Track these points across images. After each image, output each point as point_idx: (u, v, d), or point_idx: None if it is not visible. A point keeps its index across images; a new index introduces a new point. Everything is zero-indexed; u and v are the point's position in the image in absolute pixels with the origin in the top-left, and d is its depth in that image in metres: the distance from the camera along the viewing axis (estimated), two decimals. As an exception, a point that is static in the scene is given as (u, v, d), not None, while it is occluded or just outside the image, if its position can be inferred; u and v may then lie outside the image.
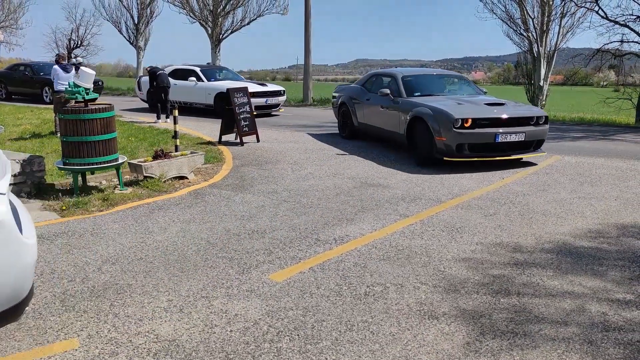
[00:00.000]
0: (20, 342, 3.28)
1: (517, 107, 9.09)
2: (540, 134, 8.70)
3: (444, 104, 8.87)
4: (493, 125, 8.34)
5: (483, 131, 8.25)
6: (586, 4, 17.35)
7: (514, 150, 8.58)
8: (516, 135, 8.37)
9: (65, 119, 6.52)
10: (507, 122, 8.43)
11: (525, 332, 3.41)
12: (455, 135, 8.17)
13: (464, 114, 8.32)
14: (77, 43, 39.17)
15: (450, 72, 12.35)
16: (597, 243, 5.12)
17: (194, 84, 17.20)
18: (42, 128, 12.79)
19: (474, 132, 8.21)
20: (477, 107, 8.80)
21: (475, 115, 8.36)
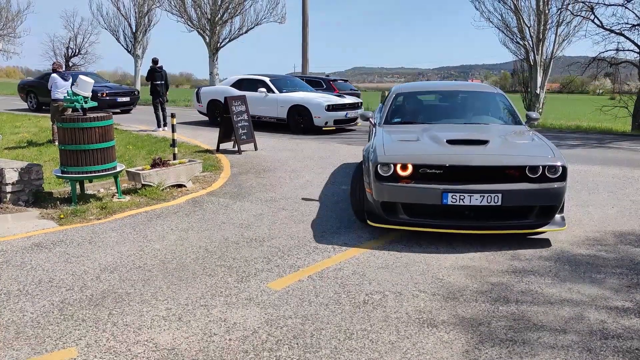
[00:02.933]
0: (18, 351, 3.27)
1: (507, 147, 5.56)
2: (545, 195, 5.07)
3: (392, 137, 6.00)
4: (446, 178, 5.20)
5: (425, 186, 5.15)
6: (582, 13, 17.47)
7: (490, 219, 5.21)
8: (483, 197, 4.98)
9: (63, 127, 6.52)
10: (474, 174, 5.16)
11: (524, 340, 3.41)
12: (379, 188, 5.26)
13: (398, 153, 5.40)
14: (75, 51, 39.27)
15: (475, 86, 8.42)
16: (595, 251, 5.13)
17: (264, 96, 15.17)
18: (39, 136, 12.79)
19: (410, 185, 5.20)
20: (431, 143, 5.60)
21: (420, 157, 5.31)
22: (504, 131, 6.16)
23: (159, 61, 14.89)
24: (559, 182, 5.12)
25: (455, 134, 5.84)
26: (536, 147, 5.56)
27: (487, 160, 5.18)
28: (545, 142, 5.66)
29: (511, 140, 5.77)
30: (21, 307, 3.88)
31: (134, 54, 33.55)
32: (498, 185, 5.07)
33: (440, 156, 5.29)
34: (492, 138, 5.63)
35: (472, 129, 6.30)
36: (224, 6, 26.71)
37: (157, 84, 14.55)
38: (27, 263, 4.77)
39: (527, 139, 5.92)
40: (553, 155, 5.24)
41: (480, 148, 5.40)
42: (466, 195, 5.02)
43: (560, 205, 5.20)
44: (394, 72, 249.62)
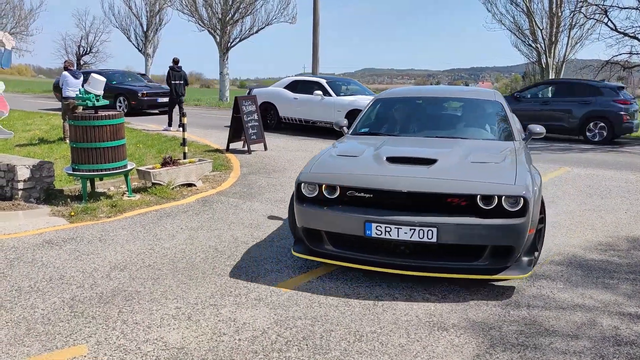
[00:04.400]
0: (29, 348, 3.28)
1: (459, 169, 4.31)
2: (498, 233, 3.95)
3: (335, 151, 5.04)
4: (376, 204, 4.24)
5: (347, 213, 4.20)
6: (595, 16, 17.34)
7: (429, 259, 4.12)
8: (413, 231, 3.99)
9: (75, 125, 6.55)
10: (408, 201, 4.15)
11: (535, 345, 3.38)
12: (301, 212, 4.40)
13: (324, 171, 4.49)
14: (87, 50, 39.55)
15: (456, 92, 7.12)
16: (607, 256, 5.08)
17: (320, 99, 14.19)
18: (51, 134, 12.86)
19: (333, 211, 4.26)
20: (369, 161, 4.59)
21: (344, 177, 4.36)
22: (476, 148, 4.90)
23: (179, 61, 14.80)
24: (517, 218, 3.91)
25: (406, 150, 4.87)
26: (499, 171, 4.26)
27: (420, 185, 4.07)
28: (516, 166, 4.34)
29: (472, 161, 4.46)
30: (32, 303, 3.90)
31: (144, 52, 33.72)
32: (433, 217, 3.99)
33: (366, 177, 4.27)
34: (446, 157, 4.52)
35: (436, 144, 5.15)
36: (235, 6, 26.79)
37: (175, 84, 14.49)
38: (38, 260, 4.79)
39: (498, 159, 4.53)
40: (514, 182, 4.02)
41: (422, 169, 4.27)
42: (392, 227, 4.01)
43: (520, 245, 3.97)
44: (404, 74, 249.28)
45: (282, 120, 14.96)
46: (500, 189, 4.00)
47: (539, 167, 9.71)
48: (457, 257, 4.10)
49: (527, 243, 4.10)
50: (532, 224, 4.05)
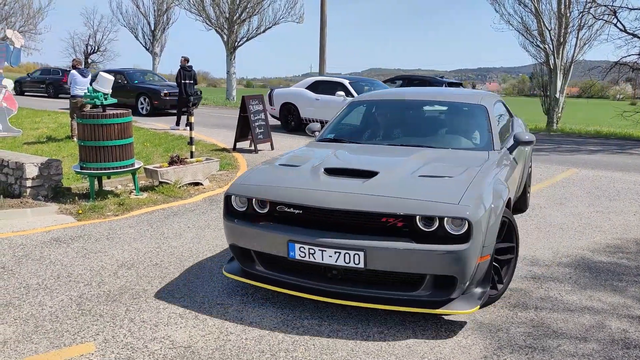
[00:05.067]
0: (37, 345, 3.29)
1: (402, 184, 3.74)
2: (437, 260, 3.39)
3: (281, 160, 4.63)
4: (305, 222, 3.74)
5: (271, 231, 3.76)
6: (604, 17, 17.24)
7: (362, 286, 3.62)
8: (339, 254, 3.49)
9: (83, 123, 6.58)
10: (337, 220, 3.65)
11: (543, 347, 3.36)
12: (229, 227, 4.01)
13: (254, 183, 4.04)
14: (94, 48, 39.71)
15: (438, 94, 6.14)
16: (616, 258, 5.05)
17: (342, 100, 13.54)
18: (58, 132, 12.92)
19: (258, 229, 3.83)
20: (306, 172, 4.07)
21: (271, 191, 3.88)
22: (437, 159, 4.33)
23: (189, 60, 14.76)
24: (459, 244, 3.33)
25: (351, 160, 4.45)
26: (446, 187, 3.65)
27: (349, 202, 3.54)
28: (471, 181, 3.72)
29: (420, 175, 3.86)
30: (40, 301, 3.91)
31: (152, 51, 33.82)
32: (360, 239, 3.46)
33: (293, 191, 3.77)
34: (390, 169, 3.97)
35: (393, 153, 4.64)
36: (243, 5, 26.82)
37: (185, 83, 14.46)
38: (46, 257, 4.81)
39: (456, 172, 3.92)
40: (458, 201, 3.41)
41: (356, 184, 3.73)
42: (316, 249, 3.51)
43: (463, 276, 3.37)
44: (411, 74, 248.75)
45: (303, 121, 14.68)
46: (440, 208, 3.40)
47: (547, 169, 9.70)
48: (393, 285, 3.56)
49: (477, 273, 3.49)
50: (486, 250, 3.48)
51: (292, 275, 3.80)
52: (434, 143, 4.88)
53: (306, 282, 3.72)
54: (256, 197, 3.89)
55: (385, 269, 3.48)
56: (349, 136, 5.35)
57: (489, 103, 5.32)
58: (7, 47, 10.78)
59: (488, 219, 3.51)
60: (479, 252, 3.43)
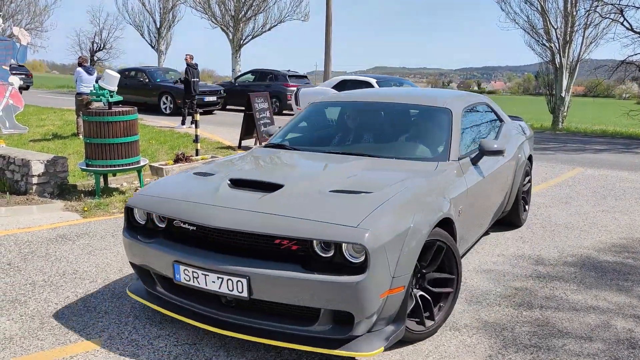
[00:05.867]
0: (43, 341, 3.30)
1: (308, 200, 3.22)
2: (330, 292, 2.84)
3: (200, 169, 4.13)
4: (194, 238, 3.31)
5: (159, 249, 3.31)
6: (611, 15, 17.18)
7: (250, 315, 3.14)
8: (221, 280, 3.03)
9: (88, 120, 6.59)
10: (227, 240, 3.16)
11: (548, 347, 3.35)
12: (126, 243, 3.56)
13: (152, 194, 3.60)
14: (100, 46, 39.81)
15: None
16: (621, 258, 5.03)
17: None
18: (64, 129, 12.96)
19: (149, 246, 3.40)
20: (211, 183, 3.62)
21: (162, 204, 3.45)
22: (370, 170, 3.86)
23: (193, 58, 14.69)
24: (355, 275, 2.81)
25: (263, 170, 4.12)
26: (353, 206, 3.09)
27: (236, 221, 3.07)
28: (388, 200, 3.16)
29: (332, 190, 3.32)
30: (46, 297, 3.93)
31: (157, 49, 33.87)
32: (245, 265, 2.97)
33: (184, 205, 3.34)
34: (298, 182, 3.48)
35: (323, 162, 4.17)
36: (248, 3, 26.83)
37: (193, 81, 14.41)
38: (51, 254, 4.83)
39: (378, 187, 3.37)
40: (356, 224, 2.87)
41: (255, 198, 3.26)
42: (200, 273, 3.08)
43: (361, 312, 2.85)
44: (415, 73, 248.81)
45: None
46: (335, 232, 2.86)
47: (552, 168, 9.67)
48: (289, 318, 3.06)
49: (385, 308, 2.97)
50: (398, 281, 2.96)
51: (188, 299, 3.33)
52: (381, 151, 4.34)
53: (198, 308, 3.26)
54: (150, 210, 3.44)
55: (271, 299, 2.96)
56: (295, 142, 4.79)
57: (456, 106, 4.66)
58: (13, 44, 10.84)
59: (402, 244, 2.97)
60: (383, 284, 2.88)
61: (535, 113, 27.44)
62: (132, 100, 18.75)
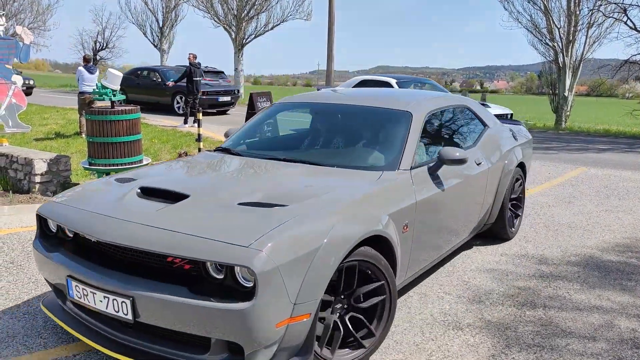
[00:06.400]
0: (46, 340, 3.31)
1: (205, 216, 2.88)
2: (214, 320, 2.51)
3: (132, 174, 3.85)
4: (92, 252, 3.09)
5: (58, 265, 3.05)
6: (614, 15, 17.14)
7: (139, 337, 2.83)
8: (107, 300, 2.75)
9: (91, 119, 6.60)
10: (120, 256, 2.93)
11: (552, 346, 3.35)
12: (35, 255, 3.30)
13: (63, 201, 3.36)
14: (103, 45, 39.85)
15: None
16: (625, 257, 5.02)
17: None
18: (67, 128, 12.98)
19: (46, 258, 3.17)
20: (121, 190, 3.36)
21: (64, 215, 3.17)
22: (300, 180, 3.50)
23: (196, 57, 14.68)
24: (242, 301, 2.49)
25: (176, 178, 3.76)
26: (253, 222, 2.74)
27: (124, 236, 2.77)
28: (295, 215, 2.80)
29: (241, 202, 3.00)
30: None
31: (160, 48, 33.90)
32: (131, 285, 2.69)
33: (83, 215, 3.07)
34: (207, 192, 3.19)
35: (251, 170, 3.82)
36: (251, 2, 26.84)
37: (197, 81, 14.40)
38: (54, 253, 4.83)
39: (297, 199, 3.03)
40: (248, 244, 2.53)
41: (154, 209, 2.99)
42: (89, 290, 2.82)
43: (249, 344, 2.54)
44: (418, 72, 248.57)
45: None
46: (224, 253, 2.54)
47: (555, 167, 9.66)
48: (184, 344, 2.75)
49: (287, 338, 2.63)
50: (303, 308, 2.61)
51: (90, 316, 3.03)
52: (326, 158, 3.96)
53: (98, 326, 2.97)
54: (54, 219, 3.17)
55: (157, 324, 2.66)
56: (242, 146, 4.46)
57: (420, 109, 4.21)
58: (16, 43, 10.85)
59: (307, 267, 2.62)
60: (281, 311, 2.54)
61: (538, 112, 27.40)
62: (145, 101, 18.70)
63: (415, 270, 3.81)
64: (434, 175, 3.89)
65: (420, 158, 3.94)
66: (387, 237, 3.18)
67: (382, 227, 3.14)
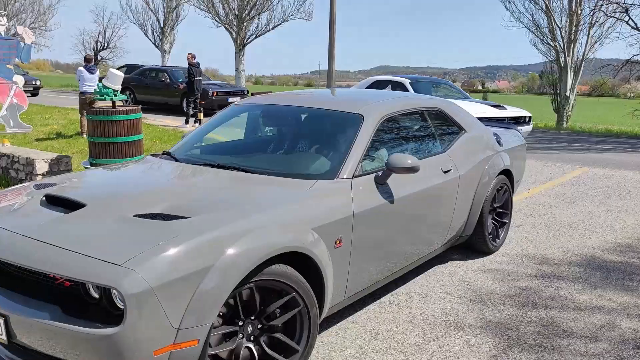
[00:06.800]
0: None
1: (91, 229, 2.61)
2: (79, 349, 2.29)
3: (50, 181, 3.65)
4: None
5: None
6: (616, 14, 17.13)
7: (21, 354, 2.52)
8: None
9: (92, 119, 6.61)
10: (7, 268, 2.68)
11: (553, 347, 3.34)
12: None
13: None
14: (104, 45, 39.90)
15: None
16: (627, 258, 5.01)
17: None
18: (68, 128, 12.98)
19: None
20: (31, 195, 3.15)
21: None
22: (222, 189, 3.20)
23: (195, 57, 14.68)
24: (110, 326, 2.25)
25: (88, 185, 3.49)
26: (140, 237, 2.49)
27: (10, 249, 2.55)
28: (189, 230, 2.52)
29: (137, 214, 2.71)
30: (49, 296, 3.93)
31: (161, 48, 33.92)
32: (4, 302, 2.48)
33: None
34: (106, 201, 2.95)
35: (179, 177, 3.55)
36: (252, 2, 26.85)
37: (197, 80, 14.40)
38: (55, 253, 4.83)
39: (203, 211, 2.75)
40: (122, 262, 2.28)
41: (47, 219, 2.76)
42: None
43: None
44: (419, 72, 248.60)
45: None
46: (95, 272, 2.28)
47: (557, 167, 9.64)
48: None
49: None
50: (187, 335, 2.35)
51: None
52: (263, 165, 3.67)
53: None
54: None
55: (33, 347, 2.43)
56: (187, 151, 4.11)
57: (374, 112, 3.82)
58: (17, 43, 10.86)
59: (195, 287, 2.37)
60: (160, 337, 2.29)
61: (539, 112, 27.36)
62: (154, 101, 18.64)
63: (361, 287, 3.48)
64: (381, 184, 3.52)
65: (370, 166, 3.56)
66: (308, 253, 2.83)
67: (301, 243, 2.81)
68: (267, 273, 2.65)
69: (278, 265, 2.73)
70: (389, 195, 3.53)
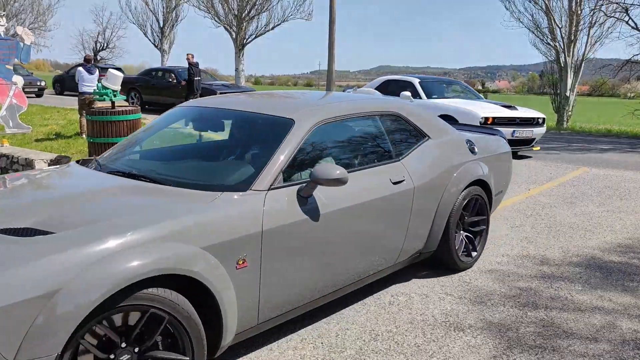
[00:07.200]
0: (45, 341, 3.29)
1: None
2: None
3: None
4: None
5: None
6: (616, 14, 17.13)
7: None
8: None
9: (92, 120, 6.60)
10: None
11: (554, 347, 3.33)
12: None
13: None
14: (103, 45, 39.91)
15: None
16: (627, 258, 5.00)
17: (409, 102, 11.71)
18: (68, 129, 12.97)
19: None
20: None
21: None
22: (107, 201, 2.88)
23: (191, 57, 14.74)
24: None
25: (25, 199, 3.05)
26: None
27: None
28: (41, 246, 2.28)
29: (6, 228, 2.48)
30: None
31: (160, 48, 33.92)
32: None
33: None
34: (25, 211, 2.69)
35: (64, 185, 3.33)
36: (251, 2, 26.85)
37: (197, 80, 14.47)
38: (54, 253, 4.82)
39: (73, 225, 2.48)
40: None
41: None
42: None
43: None
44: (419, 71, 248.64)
45: None
46: None
47: (557, 168, 9.64)
48: None
49: None
50: None
51: None
52: (172, 173, 3.32)
53: None
54: None
55: None
56: (111, 157, 3.78)
57: (307, 117, 3.45)
58: (17, 44, 10.85)
59: (34, 315, 2.11)
60: None
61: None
62: (160, 102, 18.49)
63: (283, 310, 3.14)
64: (305, 198, 3.13)
65: (297, 177, 3.22)
66: (191, 275, 2.53)
67: (180, 264, 2.49)
68: (137, 297, 2.38)
69: (156, 288, 2.45)
70: (313, 210, 3.15)
